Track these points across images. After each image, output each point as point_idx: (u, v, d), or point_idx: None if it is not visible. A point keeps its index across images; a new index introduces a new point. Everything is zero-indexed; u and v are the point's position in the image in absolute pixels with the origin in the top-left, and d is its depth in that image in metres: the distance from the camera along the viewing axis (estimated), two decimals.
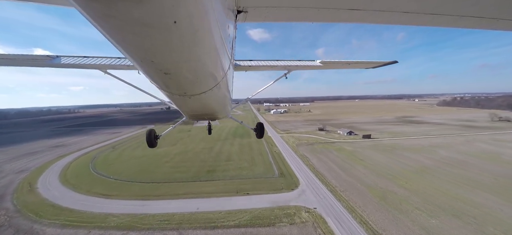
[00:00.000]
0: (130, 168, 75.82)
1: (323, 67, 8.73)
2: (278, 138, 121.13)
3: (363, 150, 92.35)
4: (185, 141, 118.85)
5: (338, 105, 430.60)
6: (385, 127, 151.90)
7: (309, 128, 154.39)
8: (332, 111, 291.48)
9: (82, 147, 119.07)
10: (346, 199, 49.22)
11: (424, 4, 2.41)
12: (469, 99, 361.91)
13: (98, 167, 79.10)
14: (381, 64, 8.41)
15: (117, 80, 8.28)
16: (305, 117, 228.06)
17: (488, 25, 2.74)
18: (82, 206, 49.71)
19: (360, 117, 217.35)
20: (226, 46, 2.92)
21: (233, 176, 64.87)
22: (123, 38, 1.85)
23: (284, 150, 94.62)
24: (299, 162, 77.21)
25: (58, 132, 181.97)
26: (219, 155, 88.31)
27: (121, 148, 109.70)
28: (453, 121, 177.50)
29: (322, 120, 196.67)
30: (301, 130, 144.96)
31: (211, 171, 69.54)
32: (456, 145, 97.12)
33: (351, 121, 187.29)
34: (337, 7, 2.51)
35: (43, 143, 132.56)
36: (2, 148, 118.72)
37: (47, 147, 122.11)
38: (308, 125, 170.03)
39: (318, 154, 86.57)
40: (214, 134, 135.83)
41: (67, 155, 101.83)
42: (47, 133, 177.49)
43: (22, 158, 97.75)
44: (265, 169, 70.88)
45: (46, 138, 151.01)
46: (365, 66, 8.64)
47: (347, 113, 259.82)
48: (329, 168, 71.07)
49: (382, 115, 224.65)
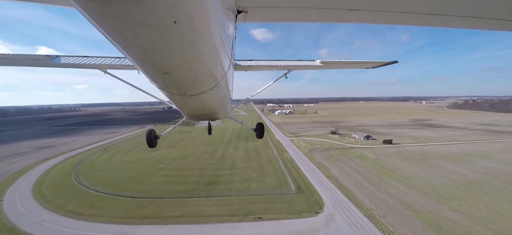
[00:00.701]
0: (118, 176, 64.55)
1: (323, 67, 8.69)
2: (288, 142, 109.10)
3: (387, 158, 79.90)
4: (185, 143, 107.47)
5: (343, 106, 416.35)
6: (402, 131, 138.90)
7: (319, 130, 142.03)
8: (339, 112, 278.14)
9: (72, 147, 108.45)
10: (392, 230, 37.07)
11: (424, 4, 2.41)
12: (482, 102, 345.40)
13: (81, 174, 67.96)
14: (381, 64, 8.29)
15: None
16: (312, 119, 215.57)
17: (488, 25, 2.73)
18: (45, 231, 38.37)
19: (370, 119, 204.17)
20: (226, 46, 2.90)
21: (240, 191, 53.12)
22: (123, 38, 1.83)
23: (297, 156, 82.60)
24: (317, 172, 65.15)
25: (52, 130, 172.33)
26: (222, 162, 76.64)
27: (114, 150, 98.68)
28: (474, 124, 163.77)
29: (331, 122, 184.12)
30: (312, 133, 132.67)
31: (212, 183, 57.84)
32: (495, 154, 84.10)
33: (363, 124, 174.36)
34: (337, 7, 2.49)
35: (32, 143, 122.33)
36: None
37: (34, 147, 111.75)
38: (318, 127, 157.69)
39: (337, 162, 74.39)
40: (216, 135, 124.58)
41: (53, 157, 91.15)
42: (40, 131, 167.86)
43: (3, 160, 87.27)
44: (277, 181, 58.95)
45: (37, 137, 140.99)
46: (366, 66, 8.55)
47: (355, 115, 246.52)
48: (355, 181, 58.91)
49: (394, 118, 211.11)
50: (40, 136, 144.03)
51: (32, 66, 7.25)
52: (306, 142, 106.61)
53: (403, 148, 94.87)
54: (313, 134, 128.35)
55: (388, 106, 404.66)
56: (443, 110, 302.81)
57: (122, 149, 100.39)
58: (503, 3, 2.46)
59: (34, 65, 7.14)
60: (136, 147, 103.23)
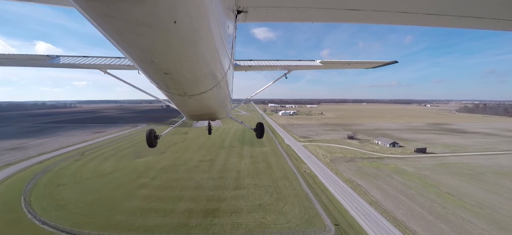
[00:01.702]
0: (83, 196, 47.36)
1: (323, 67, 8.60)
2: (301, 148, 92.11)
3: (433, 173, 63.11)
4: (178, 148, 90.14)
5: (348, 108, 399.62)
6: (427, 137, 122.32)
7: (333, 134, 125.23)
8: (346, 114, 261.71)
9: (44, 150, 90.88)
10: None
11: (424, 4, 2.38)
12: (495, 106, 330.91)
13: (36, 192, 50.66)
14: (381, 64, 8.15)
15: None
16: (319, 120, 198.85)
17: (488, 25, 2.69)
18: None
19: (384, 122, 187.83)
20: (226, 46, 2.87)
21: (252, 228, 36.10)
22: (123, 38, 1.82)
23: (318, 170, 65.64)
24: (352, 196, 48.25)
25: (32, 129, 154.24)
26: (223, 175, 59.59)
27: (91, 155, 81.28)
28: (499, 130, 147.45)
29: (342, 125, 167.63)
30: (326, 137, 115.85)
31: (211, 213, 40.64)
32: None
33: (379, 127, 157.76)
34: (337, 7, 2.47)
35: (1, 143, 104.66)
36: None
37: (0, 149, 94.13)
38: (330, 130, 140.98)
39: (372, 179, 57.55)
40: (216, 138, 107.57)
41: (14, 163, 73.64)
42: (18, 129, 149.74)
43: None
44: (303, 210, 41.89)
45: (10, 136, 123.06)
46: (365, 67, 8.43)
47: (365, 117, 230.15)
48: (410, 211, 42.09)
49: (410, 122, 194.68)
50: (14, 135, 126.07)
51: (32, 66, 7.30)
52: (323, 149, 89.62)
53: (443, 159, 78.17)
54: (328, 139, 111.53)
55: (394, 108, 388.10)
56: (454, 114, 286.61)
57: (102, 154, 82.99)
58: (503, 3, 2.42)
59: (34, 65, 7.19)
60: (119, 152, 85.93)
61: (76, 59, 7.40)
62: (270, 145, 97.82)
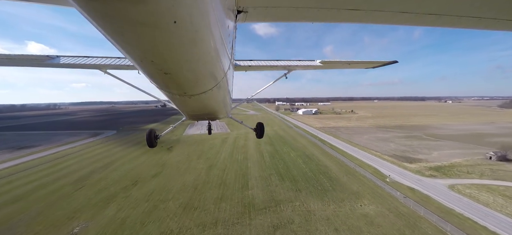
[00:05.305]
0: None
1: (323, 67, 8.53)
2: (451, 198, 36.49)
3: None
4: (154, 179, 33.52)
5: (376, 105, 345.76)
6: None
7: (445, 149, 69.98)
8: (382, 113, 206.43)
9: None
10: None
11: (424, 4, 2.39)
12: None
13: None
14: (381, 64, 8.04)
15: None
16: (363, 121, 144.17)
17: (488, 25, 2.68)
18: None
19: (449, 123, 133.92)
20: (226, 46, 2.88)
21: None
22: (123, 38, 1.81)
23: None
24: None
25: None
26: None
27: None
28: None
29: (403, 128, 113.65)
30: (451, 159, 59.99)
31: None
32: None
33: (461, 129, 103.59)
34: (337, 7, 2.46)
35: None
36: None
37: None
38: (410, 137, 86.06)
39: None
40: (212, 155, 51.50)
41: None
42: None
43: None
44: None
45: None
46: (365, 66, 8.35)
47: (411, 116, 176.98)
48: None
49: (476, 121, 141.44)
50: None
51: (32, 66, 7.10)
52: (490, 194, 34.58)
53: None
54: (460, 162, 56.16)
55: (420, 106, 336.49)
56: (502, 111, 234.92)
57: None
58: (503, 3, 2.40)
59: (34, 65, 6.95)
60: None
61: (76, 59, 7.25)
62: (358, 184, 42.39)
